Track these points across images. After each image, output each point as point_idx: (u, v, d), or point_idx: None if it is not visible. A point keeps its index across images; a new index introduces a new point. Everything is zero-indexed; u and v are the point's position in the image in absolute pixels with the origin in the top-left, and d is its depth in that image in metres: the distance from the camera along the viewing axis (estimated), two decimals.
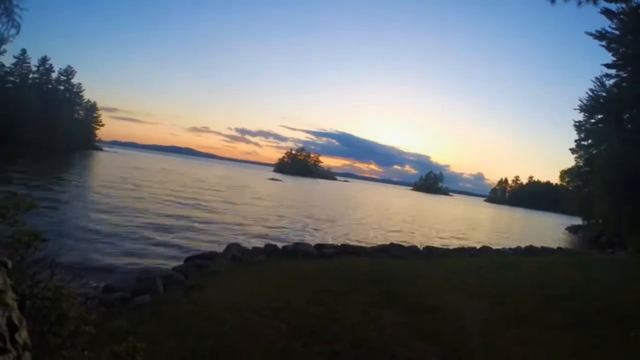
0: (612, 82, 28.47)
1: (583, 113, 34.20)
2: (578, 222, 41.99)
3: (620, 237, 24.61)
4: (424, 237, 21.13)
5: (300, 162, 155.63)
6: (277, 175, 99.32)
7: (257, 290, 6.72)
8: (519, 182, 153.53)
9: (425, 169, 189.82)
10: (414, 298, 6.87)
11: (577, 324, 6.16)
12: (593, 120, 33.71)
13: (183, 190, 29.44)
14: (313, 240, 13.66)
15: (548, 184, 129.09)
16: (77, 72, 72.80)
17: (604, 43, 25.48)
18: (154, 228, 13.85)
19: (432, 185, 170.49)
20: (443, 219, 38.10)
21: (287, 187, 61.74)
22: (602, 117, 30.90)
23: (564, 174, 55.76)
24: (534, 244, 18.53)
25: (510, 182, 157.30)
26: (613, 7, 21.43)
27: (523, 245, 17.77)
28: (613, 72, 27.51)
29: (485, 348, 5.08)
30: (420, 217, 37.41)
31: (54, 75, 69.81)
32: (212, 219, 17.75)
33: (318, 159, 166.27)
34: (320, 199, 43.81)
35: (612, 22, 24.10)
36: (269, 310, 5.70)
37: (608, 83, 29.15)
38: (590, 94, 31.67)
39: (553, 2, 5.85)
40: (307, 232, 17.95)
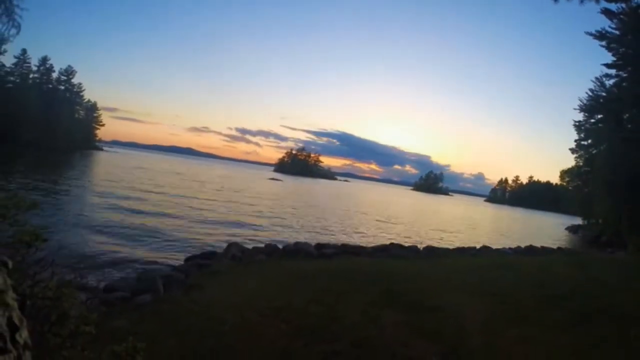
0: (612, 82, 28.51)
1: (583, 113, 34.24)
2: (578, 221, 42.02)
3: (620, 236, 24.59)
4: (424, 236, 21.14)
5: (301, 162, 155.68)
6: (277, 175, 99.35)
7: (257, 290, 6.72)
8: (519, 182, 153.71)
9: (426, 169, 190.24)
10: (415, 297, 6.86)
11: (577, 323, 6.16)
12: (593, 120, 33.72)
13: (183, 190, 29.43)
14: (313, 240, 13.66)
15: (548, 184, 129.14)
16: (77, 72, 72.95)
17: (604, 43, 25.48)
18: (155, 228, 13.85)
19: (432, 185, 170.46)
20: (443, 219, 38.11)
21: (287, 187, 61.73)
22: (602, 117, 30.89)
23: (564, 174, 55.87)
24: (534, 244, 18.55)
25: (511, 182, 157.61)
26: (613, 7, 21.44)
27: (523, 245, 17.79)
28: (613, 72, 27.53)
29: (486, 347, 5.08)
30: (420, 216, 37.40)
31: (55, 75, 69.96)
32: (212, 219, 17.75)
33: (318, 159, 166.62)
34: (320, 199, 43.80)
35: (612, 22, 24.13)
36: (270, 310, 5.70)
37: (608, 83, 29.19)
38: (590, 94, 31.71)
39: (556, 1, 5.86)
40: (307, 231, 17.95)
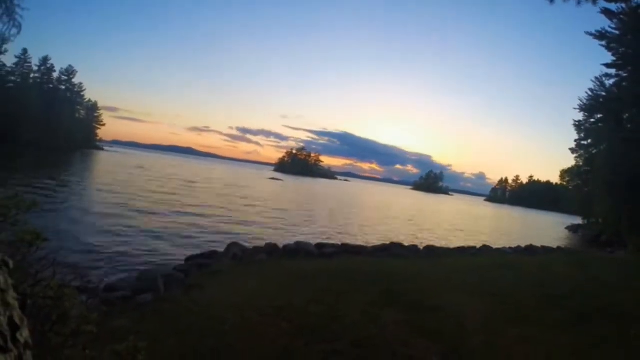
0: (612, 81, 28.54)
1: (583, 113, 34.25)
2: (578, 221, 42.04)
3: (620, 236, 24.61)
4: (424, 236, 21.13)
5: (301, 161, 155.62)
6: (277, 175, 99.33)
7: (258, 290, 6.73)
8: (519, 181, 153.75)
9: (428, 169, 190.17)
10: (415, 297, 6.87)
11: (577, 323, 6.17)
12: (593, 120, 33.72)
13: (184, 190, 29.44)
14: (314, 240, 13.66)
15: (548, 184, 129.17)
16: (78, 71, 73.13)
17: (604, 43, 25.52)
18: (155, 227, 13.86)
19: (432, 185, 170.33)
20: (442, 219, 38.09)
21: (287, 186, 61.73)
22: (602, 116, 30.89)
23: (564, 174, 55.92)
24: (534, 243, 18.51)
25: (511, 181, 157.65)
26: (613, 7, 21.50)
27: (523, 245, 17.75)
28: (613, 71, 27.57)
29: (486, 347, 5.09)
30: (419, 216, 37.39)
31: (55, 75, 70.09)
32: (213, 219, 17.74)
33: (319, 159, 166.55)
34: (320, 199, 43.79)
35: (612, 22, 24.16)
36: (270, 310, 5.71)
37: (608, 83, 29.22)
38: (590, 94, 31.73)
39: (552, 1, 5.84)
40: (307, 231, 17.94)
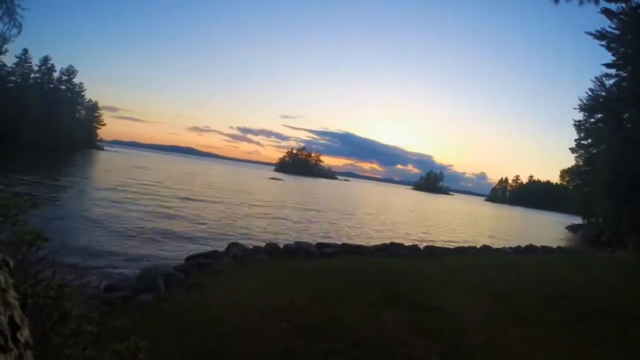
0: (612, 81, 28.53)
1: (583, 112, 34.24)
2: (578, 221, 42.01)
3: (620, 236, 24.59)
4: (424, 235, 21.13)
5: (301, 161, 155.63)
6: (278, 175, 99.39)
7: (258, 289, 6.73)
8: (519, 181, 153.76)
9: (428, 169, 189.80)
10: (415, 297, 6.87)
11: (577, 323, 6.17)
12: (593, 120, 33.72)
13: (184, 190, 29.44)
14: (314, 240, 13.66)
15: (548, 183, 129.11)
16: (78, 71, 73.02)
17: (604, 43, 25.51)
18: (155, 227, 13.86)
19: (432, 185, 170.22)
20: (442, 218, 38.09)
21: (287, 186, 61.75)
22: (602, 116, 30.89)
23: (564, 173, 55.95)
24: (534, 243, 18.49)
25: (511, 181, 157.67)
26: (613, 7, 21.50)
27: (523, 245, 17.73)
28: (613, 71, 27.57)
29: (486, 347, 5.09)
30: (420, 216, 37.40)
31: (56, 75, 70.03)
32: (213, 218, 17.75)
33: (319, 159, 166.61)
34: (321, 198, 43.80)
35: (612, 21, 24.16)
36: (271, 309, 5.71)
37: (608, 83, 29.21)
38: (590, 94, 31.73)
39: (556, 1, 5.86)
40: (308, 231, 17.96)
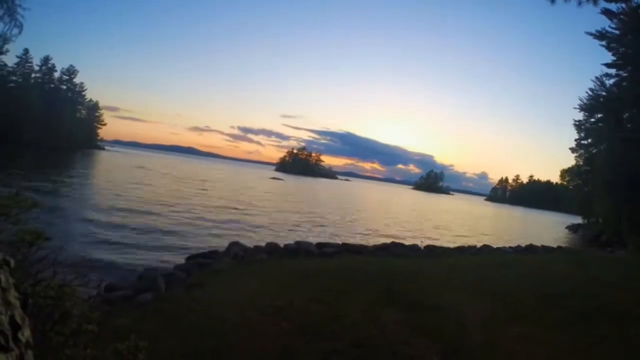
0: (612, 81, 28.51)
1: (583, 112, 34.23)
2: (578, 220, 41.97)
3: (620, 235, 24.57)
4: (424, 235, 21.12)
5: (302, 161, 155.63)
6: (278, 175, 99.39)
7: (258, 289, 6.74)
8: (520, 181, 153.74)
9: (430, 169, 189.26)
10: (415, 296, 6.88)
11: (577, 322, 6.18)
12: (593, 120, 33.70)
13: (184, 190, 29.45)
14: (314, 239, 13.66)
15: (548, 183, 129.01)
16: (79, 71, 73.07)
17: (604, 43, 25.50)
18: (156, 227, 13.87)
19: (432, 185, 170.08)
20: (442, 218, 38.08)
21: (288, 186, 61.75)
22: (602, 116, 30.87)
23: (564, 173, 55.94)
24: (535, 243, 18.50)
25: (511, 181, 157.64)
26: (613, 7, 21.52)
27: (523, 244, 17.74)
28: (613, 71, 27.54)
29: (486, 346, 5.10)
30: (419, 215, 37.40)
31: (56, 75, 69.97)
32: (213, 218, 17.76)
33: (319, 158, 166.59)
34: (321, 198, 43.81)
35: (612, 22, 24.15)
36: (271, 309, 5.71)
37: (608, 82, 29.20)
38: (591, 94, 31.72)
39: (553, 2, 5.84)
40: (308, 230, 17.97)
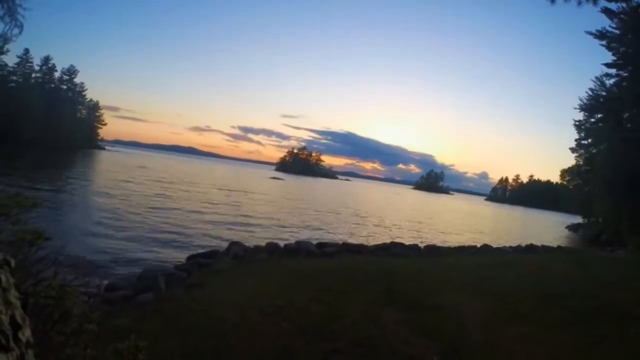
0: (612, 81, 28.50)
1: (583, 112, 34.22)
2: (578, 220, 41.98)
3: (620, 235, 24.56)
4: (424, 235, 21.13)
5: (302, 161, 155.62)
6: (278, 174, 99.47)
7: (259, 289, 6.74)
8: (520, 180, 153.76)
9: (430, 169, 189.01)
10: (415, 296, 6.88)
11: (577, 322, 6.18)
12: (593, 120, 33.69)
13: (185, 190, 29.45)
14: (315, 239, 13.66)
15: (548, 183, 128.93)
16: (79, 71, 73.15)
17: (604, 42, 25.50)
18: (156, 226, 13.88)
19: (432, 184, 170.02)
20: (442, 219, 38.09)
21: (288, 186, 61.76)
22: (602, 116, 30.86)
23: (564, 173, 55.92)
24: (535, 243, 18.49)
25: (511, 180, 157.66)
26: (613, 6, 21.49)
27: (523, 244, 17.73)
28: (613, 71, 27.53)
29: (486, 346, 5.10)
30: (419, 215, 37.40)
31: (57, 75, 70.07)
32: (214, 218, 17.77)
33: (319, 158, 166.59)
34: (321, 198, 43.77)
35: (612, 21, 24.14)
36: (271, 309, 5.72)
37: (608, 82, 29.18)
38: (591, 93, 31.71)
39: (553, 2, 5.83)
40: (308, 230, 17.97)
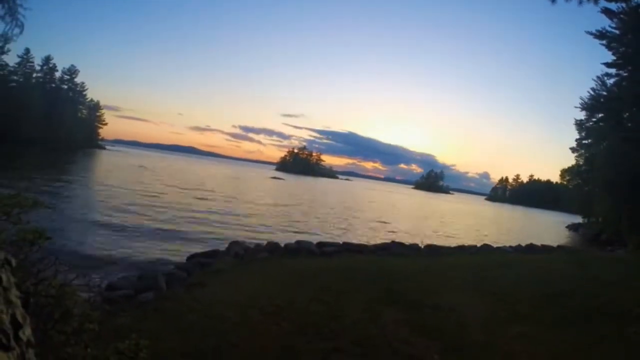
0: (612, 81, 28.44)
1: (584, 112, 34.16)
2: (578, 220, 41.92)
3: (620, 235, 24.55)
4: (424, 235, 21.11)
5: (302, 160, 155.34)
6: (279, 174, 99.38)
7: (259, 288, 6.75)
8: (520, 180, 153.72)
9: (431, 168, 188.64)
10: (415, 296, 6.89)
11: (577, 322, 6.18)
12: (594, 119, 33.63)
13: (185, 189, 29.45)
14: (315, 239, 13.66)
15: (548, 183, 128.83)
16: (80, 71, 73.08)
17: (604, 42, 25.45)
18: (157, 226, 13.88)
19: (433, 184, 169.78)
20: (443, 218, 38.08)
21: (288, 185, 61.75)
22: (602, 116, 30.81)
23: (565, 173, 55.87)
24: (535, 242, 18.50)
25: (511, 180, 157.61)
26: (613, 6, 21.38)
27: (524, 244, 17.74)
28: (613, 71, 27.47)
29: (486, 345, 5.11)
30: (419, 215, 37.40)
31: (57, 75, 70.02)
32: (214, 218, 17.77)
33: (320, 158, 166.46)
34: (321, 197, 43.80)
35: (612, 21, 24.09)
36: (272, 308, 5.73)
37: (609, 82, 29.12)
38: (592, 93, 31.65)
39: (554, 1, 5.83)
40: (308, 229, 17.97)
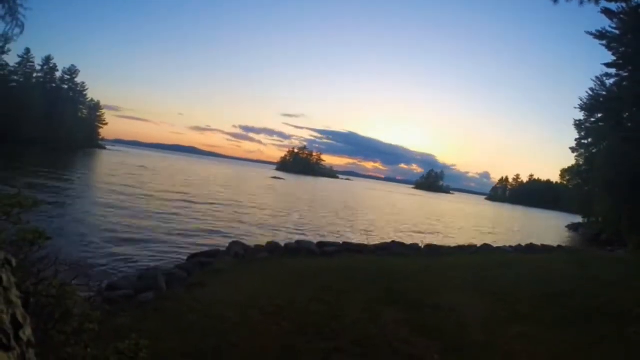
0: (612, 81, 28.45)
1: (584, 112, 34.19)
2: (578, 220, 41.93)
3: (620, 235, 24.54)
4: (424, 235, 21.12)
5: (303, 160, 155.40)
6: (279, 174, 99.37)
7: (259, 288, 6.75)
8: (520, 180, 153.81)
9: (432, 168, 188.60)
10: (415, 295, 6.89)
11: (577, 322, 6.18)
12: (593, 119, 33.64)
13: (185, 189, 29.44)
14: (315, 238, 13.67)
15: (548, 182, 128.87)
16: (80, 71, 73.13)
17: (604, 42, 25.45)
18: (157, 226, 13.87)
19: (433, 184, 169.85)
20: (443, 218, 38.08)
21: (289, 185, 61.76)
22: (602, 116, 30.81)
23: (564, 173, 55.92)
24: (535, 242, 18.50)
25: (511, 180, 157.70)
26: (613, 6, 21.38)
27: (524, 243, 17.74)
28: (613, 71, 27.47)
29: (486, 345, 5.11)
30: (419, 215, 37.40)
31: (58, 75, 70.03)
32: (214, 218, 17.77)
33: (320, 158, 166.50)
34: (321, 197, 43.81)
35: (612, 21, 24.08)
36: (272, 308, 5.73)
37: (608, 82, 29.13)
38: (591, 93, 31.66)
39: (556, 1, 5.83)
40: (308, 229, 17.97)
